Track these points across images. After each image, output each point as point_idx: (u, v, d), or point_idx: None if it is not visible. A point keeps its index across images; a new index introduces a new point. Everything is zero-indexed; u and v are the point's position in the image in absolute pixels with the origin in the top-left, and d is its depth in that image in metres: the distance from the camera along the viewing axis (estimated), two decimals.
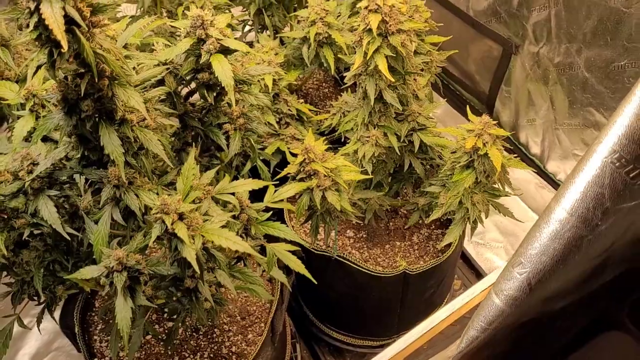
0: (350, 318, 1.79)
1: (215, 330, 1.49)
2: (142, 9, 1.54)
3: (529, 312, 0.76)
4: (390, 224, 1.73)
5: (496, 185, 1.33)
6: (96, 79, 0.77)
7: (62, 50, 0.72)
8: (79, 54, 0.78)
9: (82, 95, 0.79)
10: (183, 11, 1.52)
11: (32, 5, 0.69)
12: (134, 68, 1.01)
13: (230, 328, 1.50)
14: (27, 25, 0.71)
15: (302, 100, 1.70)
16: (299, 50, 1.62)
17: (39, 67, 0.72)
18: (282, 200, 1.10)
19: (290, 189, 1.11)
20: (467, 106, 1.42)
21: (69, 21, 0.71)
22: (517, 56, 2.18)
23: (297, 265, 1.02)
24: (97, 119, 0.85)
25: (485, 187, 1.30)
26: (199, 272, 0.84)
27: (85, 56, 0.75)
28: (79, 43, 0.74)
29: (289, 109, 1.57)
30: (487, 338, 0.76)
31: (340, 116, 1.53)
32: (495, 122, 1.27)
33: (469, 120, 1.30)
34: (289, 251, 1.08)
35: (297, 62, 1.67)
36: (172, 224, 0.81)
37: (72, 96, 0.82)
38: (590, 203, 0.71)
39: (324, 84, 2.10)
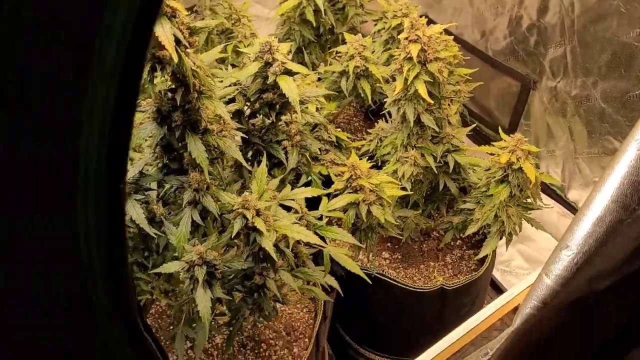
0: (389, 338, 1.84)
1: (262, 345, 1.57)
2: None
3: (576, 291, 0.85)
4: (424, 245, 1.82)
5: (529, 200, 1.43)
6: (191, 91, 0.90)
7: (167, 65, 0.84)
8: (174, 71, 0.91)
9: (176, 106, 0.92)
10: (233, 48, 1.67)
11: None
12: None
13: (277, 343, 1.57)
14: None
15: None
16: (336, 83, 1.75)
17: (151, 81, 0.85)
18: (335, 209, 1.20)
19: (342, 200, 1.21)
20: (499, 127, 1.53)
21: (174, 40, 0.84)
22: (535, 91, 2.31)
23: (352, 266, 1.11)
24: (184, 128, 0.97)
25: (518, 200, 1.40)
26: (277, 260, 0.93)
27: (184, 71, 0.87)
28: (180, 59, 0.86)
29: (329, 136, 1.69)
30: (540, 316, 0.84)
31: (377, 142, 1.64)
32: None
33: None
34: None
35: (334, 95, 1.81)
36: (252, 217, 0.92)
37: (165, 108, 0.94)
38: (628, 190, 0.80)
39: (354, 119, 2.23)
